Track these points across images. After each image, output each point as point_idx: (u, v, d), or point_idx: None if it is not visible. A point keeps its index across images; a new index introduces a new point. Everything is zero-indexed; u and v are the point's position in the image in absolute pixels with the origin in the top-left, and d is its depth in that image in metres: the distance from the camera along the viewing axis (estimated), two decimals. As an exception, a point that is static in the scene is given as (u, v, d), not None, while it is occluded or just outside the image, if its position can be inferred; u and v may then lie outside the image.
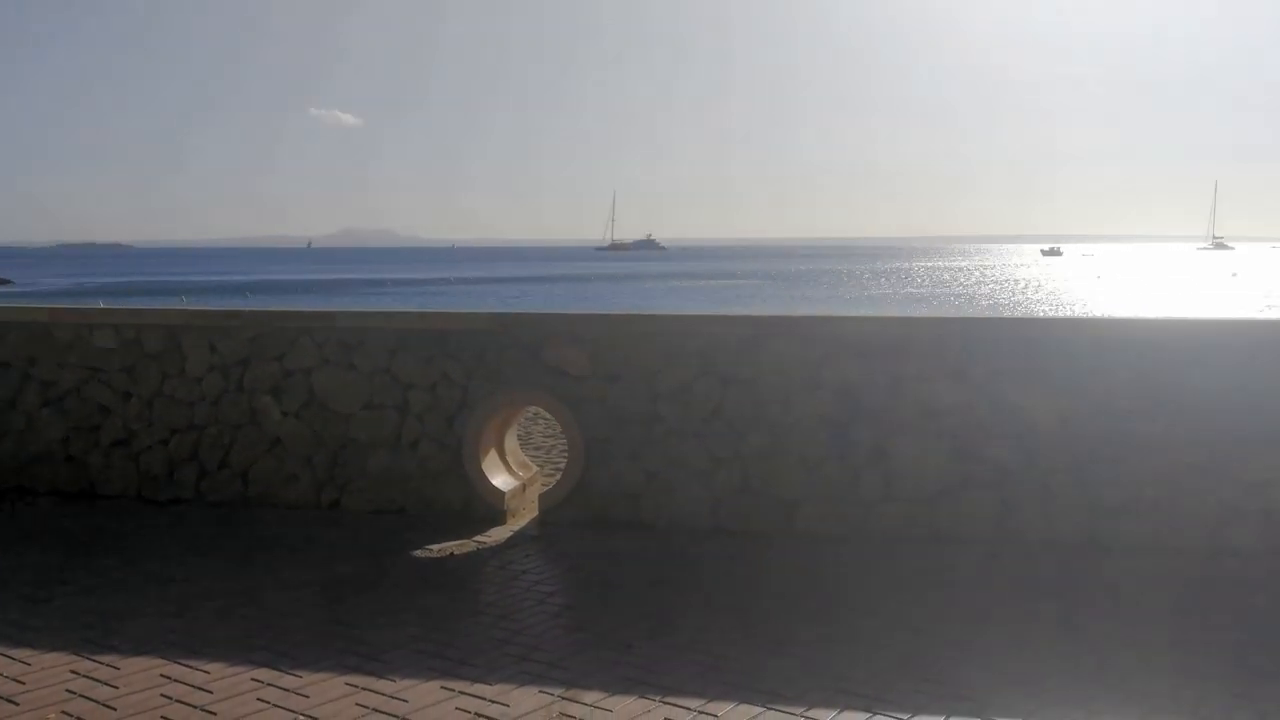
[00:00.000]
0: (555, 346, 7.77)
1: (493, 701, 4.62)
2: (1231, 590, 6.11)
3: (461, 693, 4.71)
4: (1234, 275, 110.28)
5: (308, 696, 4.67)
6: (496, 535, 7.37)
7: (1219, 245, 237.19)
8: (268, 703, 4.62)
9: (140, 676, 4.88)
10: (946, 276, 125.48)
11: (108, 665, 5.01)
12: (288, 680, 4.84)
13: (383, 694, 4.70)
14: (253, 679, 4.86)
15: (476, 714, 4.51)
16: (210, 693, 4.71)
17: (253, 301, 63.04)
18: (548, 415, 9.54)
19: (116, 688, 4.76)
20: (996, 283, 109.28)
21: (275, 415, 8.21)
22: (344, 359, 8.12)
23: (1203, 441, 6.88)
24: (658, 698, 4.65)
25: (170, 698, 4.66)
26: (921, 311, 56.93)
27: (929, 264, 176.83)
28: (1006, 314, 41.39)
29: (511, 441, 8.43)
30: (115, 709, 4.55)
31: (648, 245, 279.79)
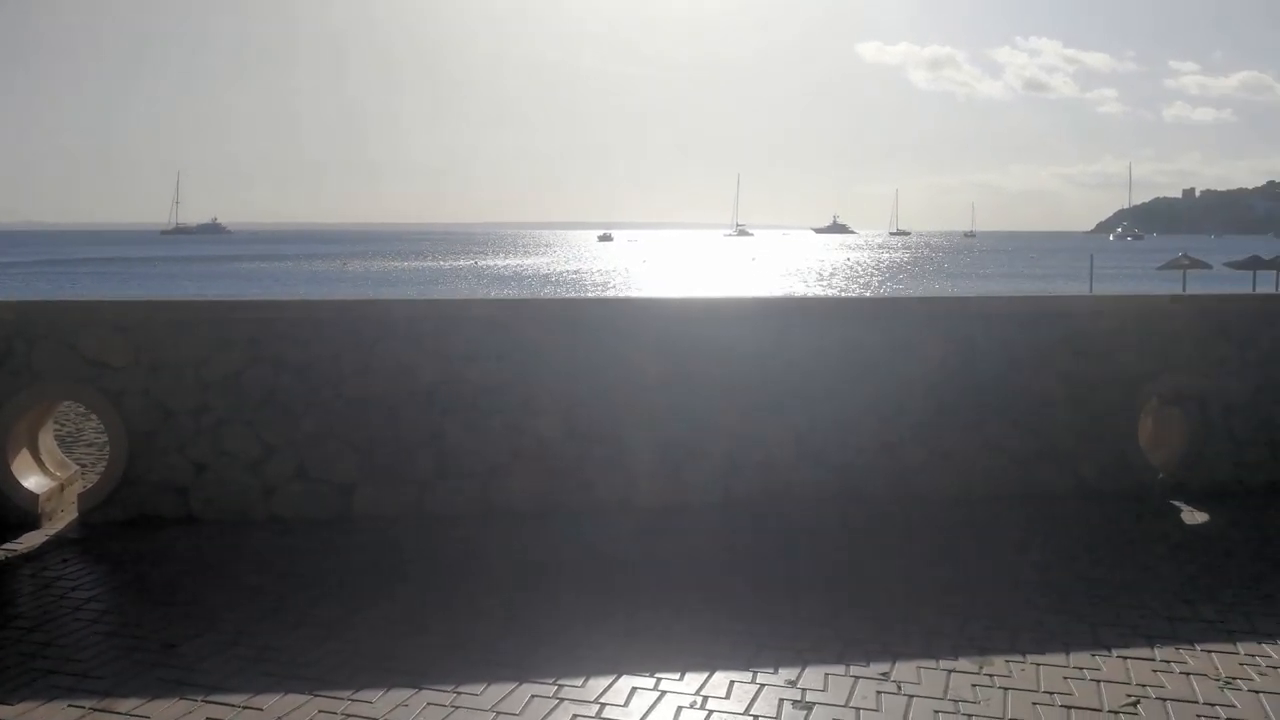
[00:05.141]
0: (93, 336, 7.08)
1: (13, 723, 4.12)
2: (739, 537, 6.60)
3: (-24, 718, 4.16)
4: (753, 260, 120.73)
5: None
6: (30, 541, 6.60)
7: (742, 232, 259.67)
8: None
9: None
10: (511, 260, 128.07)
11: None
12: None
13: (-124, 731, 4.06)
14: None
15: (-7, 739, 4.00)
16: None
17: None
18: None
19: None
20: (574, 259, 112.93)
21: None
22: None
23: (715, 404, 7.38)
24: (200, 697, 4.33)
25: None
26: (476, 294, 57.70)
27: (496, 248, 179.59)
28: (550, 295, 42.98)
29: (47, 440, 7.59)
30: None
31: (213, 229, 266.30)
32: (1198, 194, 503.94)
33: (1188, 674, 4.57)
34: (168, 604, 5.48)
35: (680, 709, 4.27)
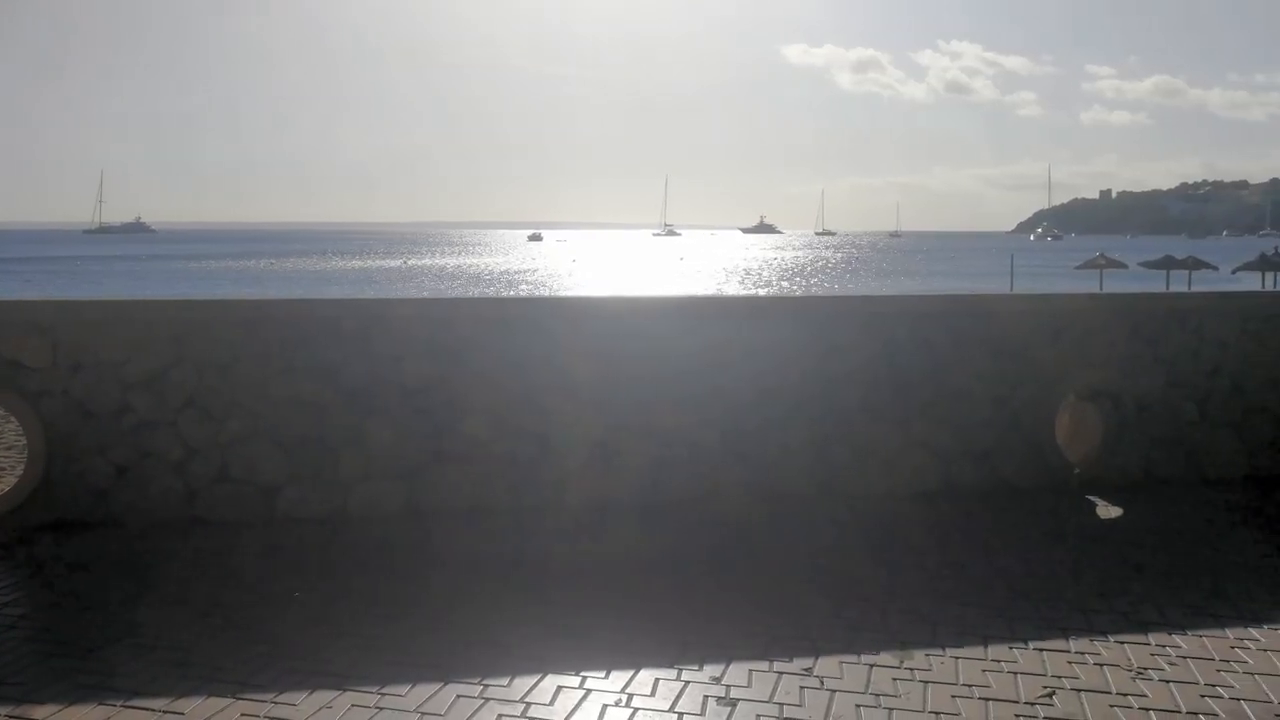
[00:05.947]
0: (10, 336, 6.88)
1: (-78, 733, 4.00)
2: (667, 536, 6.62)
3: (-117, 728, 4.03)
4: (681, 259, 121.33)
5: None
6: (-57, 546, 6.40)
7: (670, 232, 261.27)
8: None
9: None
10: (441, 260, 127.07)
11: None
12: None
13: None
14: None
15: (-99, 750, 3.88)
16: None
17: None
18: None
19: None
20: (504, 259, 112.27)
21: None
22: None
23: (644, 404, 7.39)
24: (120, 702, 4.24)
25: None
26: (399, 293, 57.11)
27: (426, 248, 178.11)
28: (479, 294, 42.72)
29: (-39, 441, 7.38)
30: None
31: (138, 228, 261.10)
32: (1114, 195, 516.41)
33: (1101, 665, 4.67)
34: (87, 608, 5.35)
35: (606, 707, 4.27)
